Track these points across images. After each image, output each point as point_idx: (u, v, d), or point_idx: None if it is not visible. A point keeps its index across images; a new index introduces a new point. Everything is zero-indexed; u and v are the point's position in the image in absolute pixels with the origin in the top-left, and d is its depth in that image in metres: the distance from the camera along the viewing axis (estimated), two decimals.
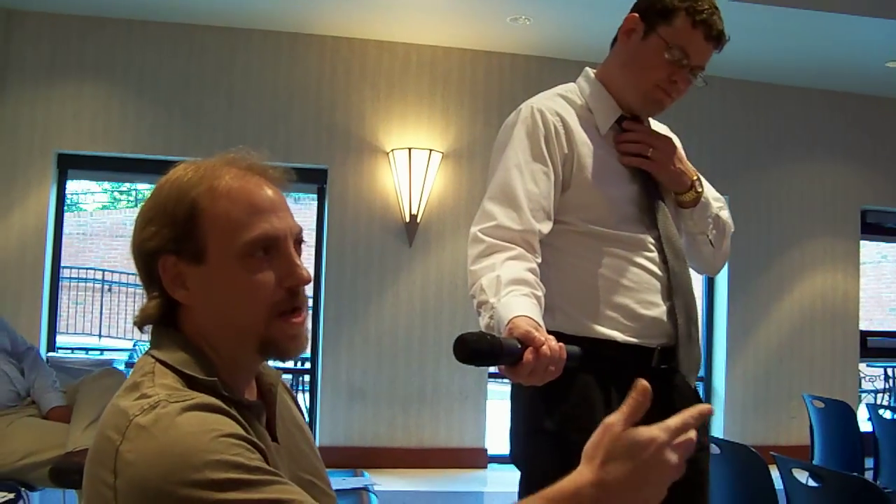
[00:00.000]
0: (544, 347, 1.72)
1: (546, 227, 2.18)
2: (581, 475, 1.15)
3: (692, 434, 1.19)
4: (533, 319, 1.84)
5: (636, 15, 2.28)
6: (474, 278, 2.07)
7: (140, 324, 1.41)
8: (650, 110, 2.33)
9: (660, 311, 2.22)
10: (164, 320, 1.40)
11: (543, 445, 2.15)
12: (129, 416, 1.22)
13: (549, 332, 1.79)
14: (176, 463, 1.15)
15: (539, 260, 2.13)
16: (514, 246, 2.09)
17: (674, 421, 1.18)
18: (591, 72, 2.38)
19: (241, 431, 1.24)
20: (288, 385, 1.65)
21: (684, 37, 2.21)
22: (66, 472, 3.83)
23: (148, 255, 1.37)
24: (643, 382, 1.19)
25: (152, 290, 1.39)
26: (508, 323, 1.83)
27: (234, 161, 1.42)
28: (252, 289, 1.35)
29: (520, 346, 1.73)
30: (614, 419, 1.17)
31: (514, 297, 1.94)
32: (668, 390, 2.23)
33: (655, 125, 2.47)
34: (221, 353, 1.39)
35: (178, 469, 1.15)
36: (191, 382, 1.31)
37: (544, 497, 1.15)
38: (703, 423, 2.29)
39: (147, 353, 1.38)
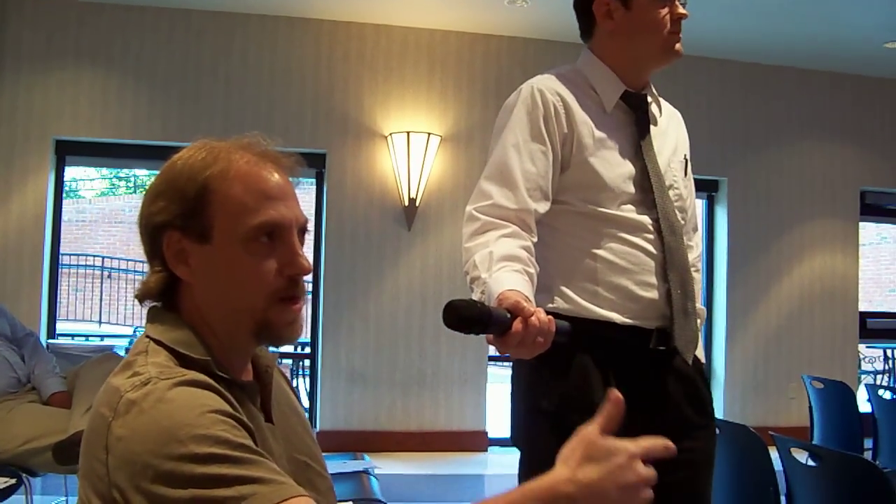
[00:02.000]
0: (533, 318, 1.73)
1: (543, 206, 2.18)
2: (557, 473, 1.18)
3: (654, 473, 1.22)
4: (523, 293, 1.84)
5: None
6: (468, 255, 2.08)
7: (141, 296, 1.42)
8: (671, 58, 2.32)
9: (657, 292, 2.22)
10: (162, 299, 1.42)
11: (543, 426, 2.15)
12: (120, 392, 1.24)
13: (547, 313, 1.80)
14: (162, 437, 1.16)
15: (535, 239, 2.14)
16: (508, 224, 2.10)
17: (644, 442, 1.21)
18: (590, 52, 2.38)
19: (228, 408, 1.25)
20: (284, 369, 1.66)
21: None
22: (69, 450, 3.83)
23: (154, 229, 1.39)
24: (615, 393, 1.24)
25: (155, 264, 1.41)
26: (498, 295, 1.84)
27: (248, 146, 1.44)
28: (253, 273, 1.37)
29: (509, 315, 1.74)
30: (590, 428, 1.21)
31: (505, 272, 1.94)
32: (663, 372, 2.24)
33: (666, 107, 2.46)
34: (217, 332, 1.40)
35: (164, 443, 1.16)
36: (184, 361, 1.33)
37: (522, 492, 1.18)
38: (704, 405, 2.31)
39: (143, 333, 1.40)
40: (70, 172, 10.90)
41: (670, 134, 2.42)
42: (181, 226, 1.37)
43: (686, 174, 2.43)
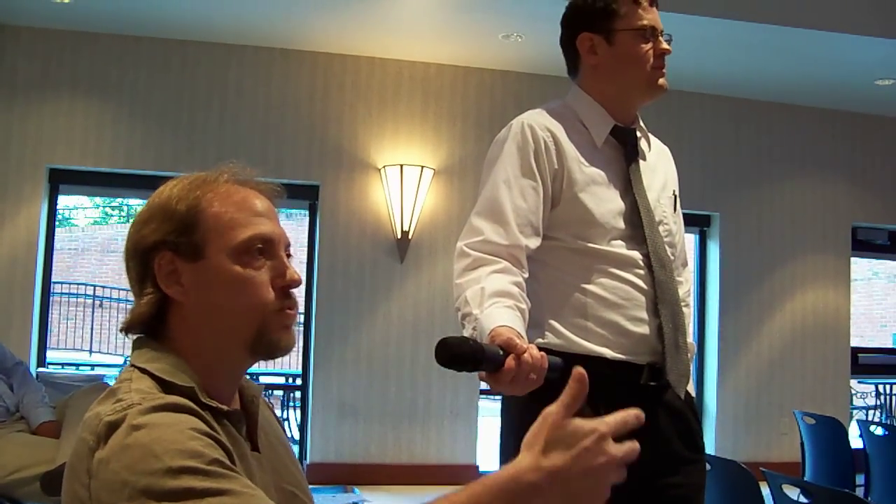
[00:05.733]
0: (526, 354, 1.72)
1: (534, 242, 2.19)
2: (521, 461, 1.14)
3: (636, 445, 1.17)
4: (515, 329, 1.84)
5: (585, 33, 2.33)
6: (459, 291, 2.08)
7: (128, 325, 1.43)
8: (656, 93, 2.35)
9: (648, 327, 2.22)
10: (148, 327, 1.43)
11: None
12: (101, 417, 1.24)
13: (538, 349, 1.80)
14: (139, 455, 1.17)
15: (526, 275, 2.14)
16: (500, 260, 2.10)
17: (612, 417, 1.17)
18: (579, 87, 2.40)
19: (206, 428, 1.26)
20: (275, 401, 1.67)
21: (638, 15, 2.28)
22: (57, 480, 3.80)
23: (145, 252, 1.41)
24: (579, 369, 1.18)
25: (146, 287, 1.41)
26: (491, 332, 1.84)
27: (230, 171, 1.49)
28: (247, 283, 1.41)
29: (502, 352, 1.73)
30: (553, 409, 1.16)
31: (497, 308, 1.95)
32: (655, 407, 2.23)
33: (655, 143, 2.48)
34: (209, 353, 1.41)
35: (140, 460, 1.16)
36: (168, 389, 1.33)
37: (485, 484, 1.13)
38: (695, 440, 2.30)
39: (129, 363, 1.40)
40: (62, 201, 10.89)
41: (659, 170, 2.43)
42: (173, 244, 1.40)
43: (675, 210, 2.44)
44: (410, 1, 6.20)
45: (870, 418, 12.01)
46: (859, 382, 11.68)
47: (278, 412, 1.74)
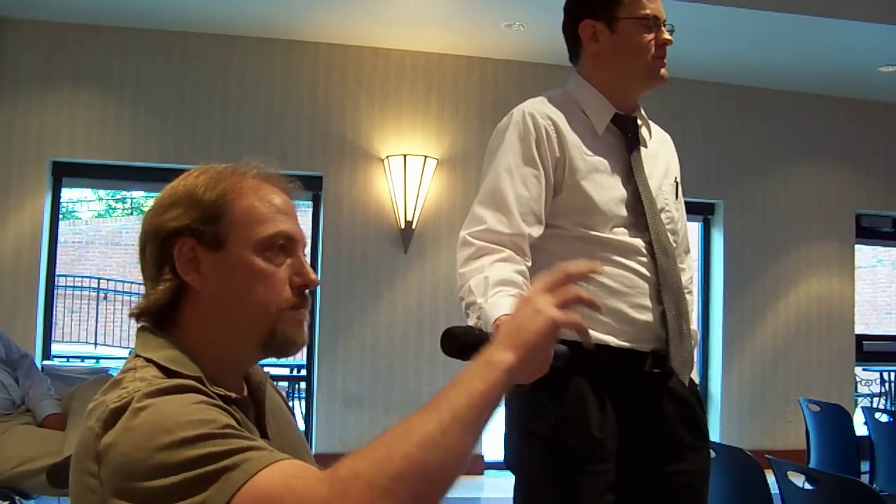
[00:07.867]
0: None
1: (536, 230, 2.19)
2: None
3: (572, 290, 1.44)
4: None
5: (588, 20, 2.33)
6: (463, 280, 2.08)
7: (141, 310, 1.43)
8: (656, 83, 2.35)
9: (652, 314, 2.22)
10: (157, 317, 1.43)
11: (537, 450, 2.15)
12: (106, 405, 1.24)
13: None
14: (150, 432, 1.17)
15: (529, 263, 2.14)
16: (503, 249, 2.11)
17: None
18: (579, 75, 2.40)
19: (213, 401, 1.26)
20: (278, 387, 1.68)
21: (641, 4, 2.28)
22: (63, 472, 3.81)
23: (167, 237, 1.41)
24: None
25: (163, 274, 1.41)
26: (495, 321, 1.84)
27: (257, 166, 1.51)
28: (268, 277, 1.41)
29: None
30: None
31: (501, 297, 1.95)
32: (659, 394, 2.24)
33: (656, 130, 2.48)
34: (219, 346, 1.41)
35: (153, 436, 1.16)
36: (173, 378, 1.33)
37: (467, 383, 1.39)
38: (699, 426, 2.31)
39: (133, 353, 1.40)
40: (66, 194, 10.90)
41: (661, 157, 2.43)
42: (197, 231, 1.40)
43: (677, 197, 2.44)
44: None
45: (875, 405, 12.02)
46: (864, 370, 11.67)
47: None
